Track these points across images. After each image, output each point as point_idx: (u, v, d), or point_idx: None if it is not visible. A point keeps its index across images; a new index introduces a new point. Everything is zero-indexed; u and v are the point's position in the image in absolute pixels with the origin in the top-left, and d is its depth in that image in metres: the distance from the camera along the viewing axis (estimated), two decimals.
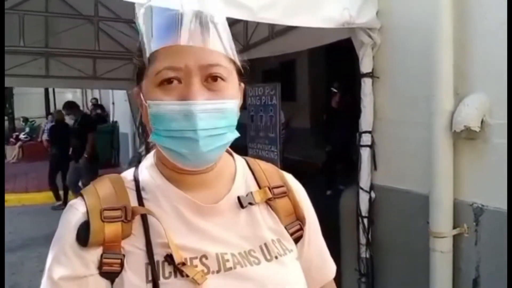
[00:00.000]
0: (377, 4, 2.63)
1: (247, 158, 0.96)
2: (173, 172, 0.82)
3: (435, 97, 2.23)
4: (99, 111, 12.79)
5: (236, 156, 0.94)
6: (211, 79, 0.76)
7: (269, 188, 0.89)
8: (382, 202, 2.79)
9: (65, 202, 7.52)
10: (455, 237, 2.26)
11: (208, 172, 0.83)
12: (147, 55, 0.76)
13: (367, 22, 2.58)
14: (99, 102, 13.64)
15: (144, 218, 0.78)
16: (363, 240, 2.83)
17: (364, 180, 2.80)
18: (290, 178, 0.97)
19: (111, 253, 0.75)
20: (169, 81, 0.74)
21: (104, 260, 0.74)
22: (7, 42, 4.82)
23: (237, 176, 0.88)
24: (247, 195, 0.85)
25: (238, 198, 0.84)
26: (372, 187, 2.81)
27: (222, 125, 0.76)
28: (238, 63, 0.83)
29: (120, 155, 11.31)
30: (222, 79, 0.77)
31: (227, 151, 0.91)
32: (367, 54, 2.72)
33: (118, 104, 11.23)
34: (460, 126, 2.11)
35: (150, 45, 0.75)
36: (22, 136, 13.91)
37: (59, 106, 17.04)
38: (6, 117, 11.52)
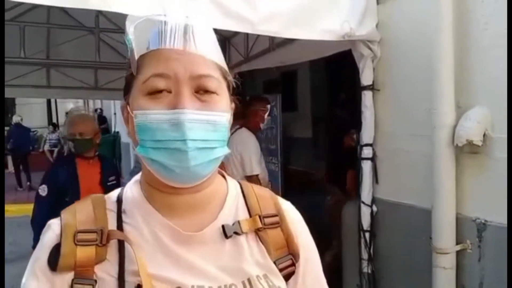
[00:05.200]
0: (376, 17, 2.62)
1: (242, 182, 0.89)
2: (157, 193, 0.77)
3: (437, 111, 2.20)
4: (103, 125, 12.84)
5: (229, 179, 0.87)
6: (203, 90, 0.72)
7: (259, 216, 0.82)
8: (384, 216, 2.76)
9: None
10: (458, 253, 2.22)
11: (196, 193, 0.77)
12: (135, 61, 0.73)
13: (367, 35, 2.56)
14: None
15: (121, 243, 0.74)
16: (365, 255, 2.79)
17: (366, 193, 2.77)
18: (286, 207, 0.88)
19: (82, 279, 0.71)
20: (158, 90, 0.71)
21: (75, 286, 0.71)
22: (8, 53, 4.84)
23: (227, 202, 0.82)
24: (233, 224, 0.79)
25: (223, 226, 0.78)
26: (373, 200, 2.78)
27: (212, 138, 0.72)
28: (230, 78, 0.80)
29: (121, 165, 11.30)
30: (214, 91, 0.73)
31: (220, 173, 0.85)
32: (367, 66, 2.70)
33: (119, 115, 11.21)
34: (462, 140, 2.08)
35: (137, 51, 0.73)
36: None
37: (61, 116, 17.13)
38: (8, 128, 11.77)
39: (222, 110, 0.74)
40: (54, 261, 0.71)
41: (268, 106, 3.91)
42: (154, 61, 0.72)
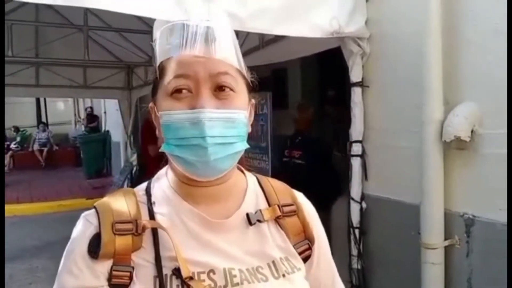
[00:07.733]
0: (366, 13, 2.63)
1: (258, 175, 0.97)
2: (184, 185, 0.84)
3: (425, 107, 2.21)
4: (92, 124, 12.77)
5: (247, 173, 0.95)
6: (219, 89, 0.78)
7: (278, 206, 0.89)
8: (373, 212, 2.77)
9: None
10: (446, 249, 2.23)
11: (218, 185, 0.83)
12: (157, 65, 0.80)
13: (356, 31, 2.57)
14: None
15: (154, 231, 0.80)
16: (354, 251, 2.80)
17: (355, 190, 2.78)
18: (300, 197, 0.97)
19: (121, 266, 0.76)
20: (179, 90, 0.77)
21: (114, 273, 0.76)
22: None
23: (248, 193, 0.90)
24: (255, 213, 0.86)
25: (247, 214, 0.85)
26: (363, 197, 2.79)
27: (230, 134, 0.78)
28: (247, 77, 0.85)
29: (112, 164, 11.23)
30: (231, 89, 0.79)
31: (239, 168, 0.92)
32: (356, 63, 2.71)
33: (109, 113, 11.17)
34: (450, 136, 2.09)
35: (161, 57, 0.80)
36: (13, 145, 13.73)
37: (51, 115, 16.96)
38: None
39: (239, 108, 0.80)
40: (95, 249, 0.76)
41: None
42: (176, 64, 0.78)
